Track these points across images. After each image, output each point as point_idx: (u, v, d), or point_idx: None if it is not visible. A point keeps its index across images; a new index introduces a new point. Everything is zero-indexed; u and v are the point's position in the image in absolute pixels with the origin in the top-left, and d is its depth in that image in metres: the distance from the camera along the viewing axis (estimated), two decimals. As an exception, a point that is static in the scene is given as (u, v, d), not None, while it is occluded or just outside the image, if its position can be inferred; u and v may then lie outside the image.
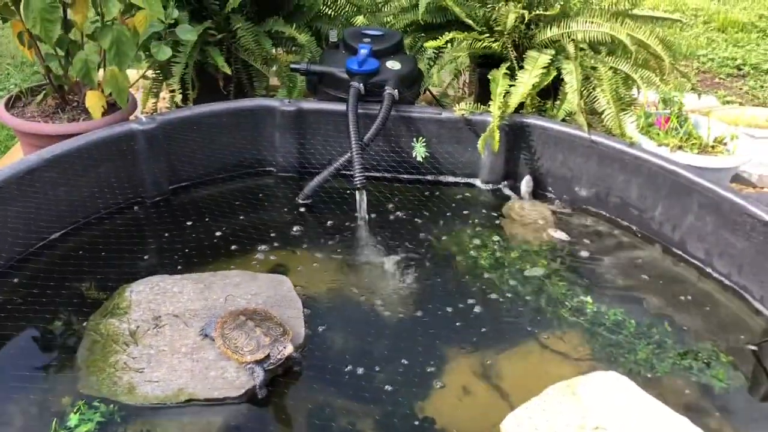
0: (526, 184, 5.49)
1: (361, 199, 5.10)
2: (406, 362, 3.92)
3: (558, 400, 3.53)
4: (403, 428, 3.53)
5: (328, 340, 4.05)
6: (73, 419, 3.33)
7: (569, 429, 3.37)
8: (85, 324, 3.94)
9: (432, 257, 4.83)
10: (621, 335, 4.21)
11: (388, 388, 3.76)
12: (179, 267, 4.50)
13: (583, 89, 5.36)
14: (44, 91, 5.46)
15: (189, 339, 3.79)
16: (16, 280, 4.30)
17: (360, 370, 3.84)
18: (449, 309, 4.34)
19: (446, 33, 5.59)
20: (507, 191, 5.61)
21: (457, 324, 4.23)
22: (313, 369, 3.84)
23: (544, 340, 4.18)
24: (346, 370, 3.84)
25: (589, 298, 4.48)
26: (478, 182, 5.69)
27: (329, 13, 6.70)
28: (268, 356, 3.55)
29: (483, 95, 5.78)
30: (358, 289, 4.51)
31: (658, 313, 4.43)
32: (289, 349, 3.54)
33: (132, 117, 5.50)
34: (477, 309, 4.35)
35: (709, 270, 4.78)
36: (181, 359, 3.66)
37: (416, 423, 3.57)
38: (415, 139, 5.45)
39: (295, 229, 5.04)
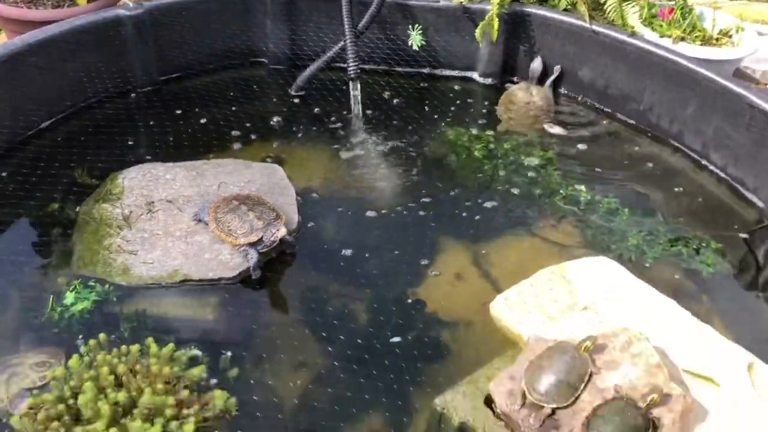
0: (537, 65, 5.32)
1: (355, 90, 5.00)
2: (398, 251, 3.96)
3: (548, 283, 3.58)
4: (395, 310, 3.60)
5: (321, 227, 4.07)
6: (69, 297, 3.38)
7: (558, 308, 3.44)
8: (78, 209, 3.94)
9: (426, 150, 4.79)
10: (613, 223, 4.23)
11: (380, 274, 3.82)
12: (171, 155, 4.46)
13: (585, -23, 5.16)
14: (26, -24, 5.25)
15: (183, 223, 3.80)
16: (6, 171, 4.27)
17: (353, 257, 3.88)
18: (443, 200, 4.35)
19: None
20: (506, 84, 5.50)
21: (451, 215, 4.25)
22: (306, 254, 3.88)
23: (537, 230, 4.20)
24: (339, 256, 3.87)
25: (583, 188, 4.47)
26: (475, 75, 5.56)
27: None
28: (261, 239, 3.57)
29: (482, -17, 5.57)
30: (352, 180, 4.49)
31: (651, 203, 4.43)
32: (282, 232, 3.55)
33: (119, 2, 5.31)
34: (470, 200, 4.35)
35: (705, 162, 4.75)
36: (175, 242, 3.68)
37: (408, 305, 3.64)
38: (411, 28, 5.28)
39: (288, 120, 4.97)
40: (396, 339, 3.44)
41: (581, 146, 4.90)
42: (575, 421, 2.80)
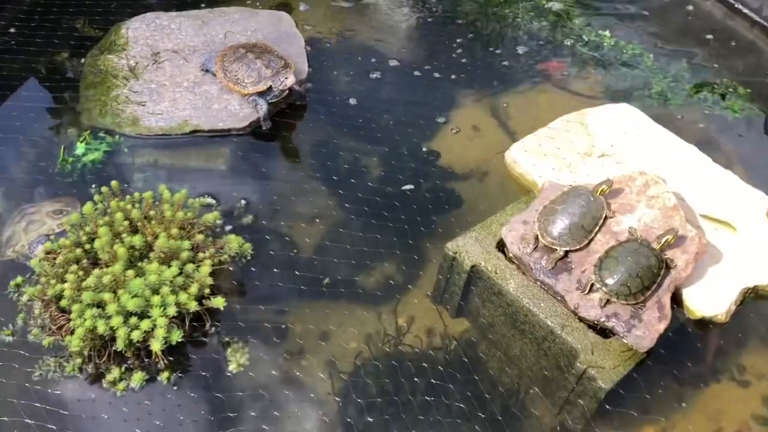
0: None
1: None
2: (414, 104, 3.85)
3: (566, 130, 3.48)
4: (409, 162, 3.55)
5: (332, 78, 3.95)
6: (80, 148, 3.36)
7: (575, 155, 3.36)
8: (83, 61, 3.84)
9: (436, 3, 4.52)
10: (637, 69, 4.05)
11: (395, 126, 3.73)
12: (175, 4, 4.26)
13: None
14: None
15: (190, 74, 3.70)
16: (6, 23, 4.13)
17: (366, 109, 3.78)
18: (460, 52, 4.17)
19: None
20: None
21: (470, 68, 4.08)
22: (317, 104, 3.79)
23: (558, 79, 4.05)
24: (351, 108, 3.78)
25: (607, 33, 4.25)
26: None
27: None
28: (270, 88, 3.47)
29: None
30: (366, 28, 4.30)
31: (677, 49, 4.23)
32: (291, 80, 3.44)
33: None
34: (489, 50, 4.18)
35: (739, 6, 4.47)
36: (183, 93, 3.60)
37: (422, 156, 3.58)
38: None
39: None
40: (409, 186, 3.42)
41: (607, -13, 4.61)
42: (587, 262, 2.81)
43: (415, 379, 2.79)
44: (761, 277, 2.93)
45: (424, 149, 3.62)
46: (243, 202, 3.24)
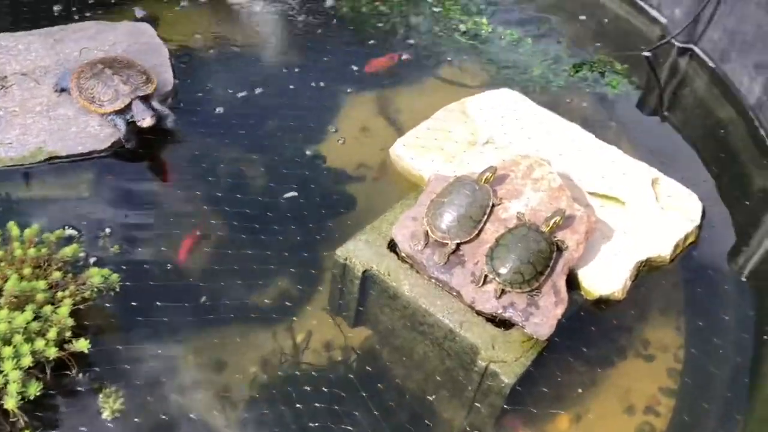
0: None
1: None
2: (295, 109, 3.66)
3: (447, 121, 3.38)
4: (294, 168, 3.36)
5: (205, 87, 3.70)
6: None
7: (459, 145, 3.27)
8: None
9: (310, 5, 4.36)
10: (517, 55, 4.02)
11: (276, 134, 3.53)
12: (23, 23, 3.91)
13: None
14: None
15: (43, 97, 3.38)
16: None
17: (241, 120, 3.56)
18: (340, 55, 4.00)
19: None
20: None
21: (351, 67, 3.93)
22: (189, 118, 3.53)
23: (440, 72, 3.96)
24: (228, 116, 3.55)
25: (484, 20, 4.21)
26: None
27: None
28: (129, 105, 3.20)
29: None
30: (237, 35, 4.08)
31: (554, 31, 4.23)
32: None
33: None
34: (369, 49, 4.04)
35: (607, -18, 4.53)
36: (36, 118, 3.28)
37: (311, 162, 3.40)
38: None
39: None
40: (292, 194, 3.24)
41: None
42: (479, 253, 2.71)
43: (318, 397, 2.60)
44: (652, 249, 2.92)
45: (312, 154, 3.45)
46: (108, 230, 2.96)
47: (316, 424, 2.53)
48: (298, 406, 2.58)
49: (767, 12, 3.57)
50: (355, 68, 3.92)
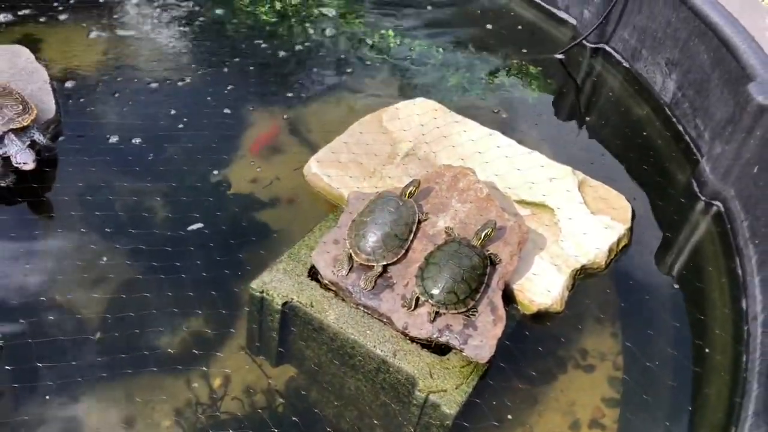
0: None
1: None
2: (197, 130, 3.35)
3: (363, 135, 3.17)
4: (196, 195, 3.06)
5: (91, 113, 3.35)
6: None
7: (378, 160, 3.06)
8: None
9: (204, 22, 4.08)
10: (428, 65, 3.87)
11: (178, 159, 3.21)
12: None
13: None
14: None
15: None
16: None
17: (135, 147, 3.23)
18: (243, 69, 3.74)
19: None
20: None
21: (255, 85, 3.68)
22: (72, 147, 3.17)
23: (351, 85, 3.76)
24: (117, 147, 3.20)
25: (390, 32, 4.04)
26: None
27: None
28: (2, 139, 2.82)
29: None
30: (125, 55, 3.74)
31: (464, 40, 4.11)
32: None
33: None
34: (273, 67, 3.79)
35: (512, -12, 4.48)
36: None
37: (216, 188, 3.11)
38: None
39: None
40: (198, 225, 2.93)
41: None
42: (409, 274, 2.49)
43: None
44: (587, 256, 2.78)
45: (217, 179, 3.16)
46: (-12, 291, 2.58)
47: None
48: None
49: (675, 9, 3.56)
50: (258, 84, 3.66)
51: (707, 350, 2.74)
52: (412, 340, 2.43)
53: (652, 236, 3.10)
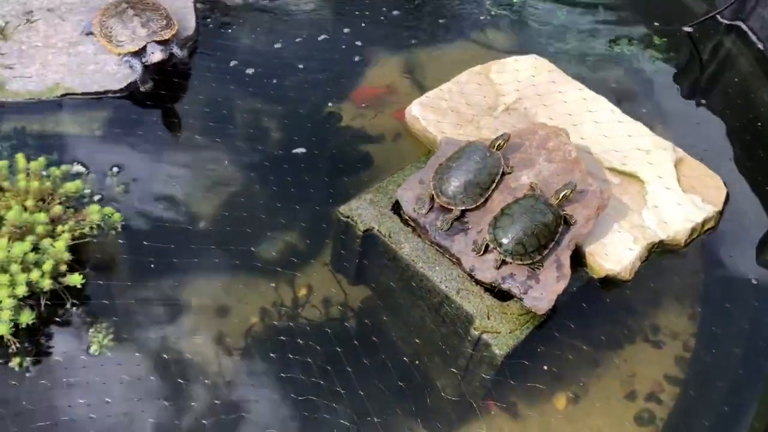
0: None
1: None
2: (321, 65, 3.58)
3: (470, 84, 3.28)
4: (313, 122, 3.32)
5: (225, 35, 3.65)
6: (-66, 116, 3.04)
7: (478, 109, 3.17)
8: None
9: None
10: (550, 25, 3.86)
11: (298, 89, 3.45)
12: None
13: None
14: None
15: (66, 34, 3.38)
16: None
17: (265, 71, 3.50)
18: (369, 14, 3.91)
19: None
20: None
21: (382, 29, 3.82)
22: (207, 64, 3.49)
23: (473, 35, 3.83)
24: (248, 69, 3.49)
25: (517, -10, 4.06)
26: None
27: None
28: (144, 48, 3.17)
29: None
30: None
31: (591, 4, 4.03)
32: (157, 56, 3.14)
33: None
34: (401, 12, 3.92)
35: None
36: (57, 54, 3.28)
37: (327, 117, 3.34)
38: None
39: None
40: (306, 150, 3.19)
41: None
42: (484, 221, 2.63)
43: (313, 352, 2.59)
44: (667, 231, 2.79)
45: (334, 110, 3.39)
46: (116, 170, 2.97)
47: (311, 379, 2.52)
48: (292, 357, 2.56)
49: (822, -9, 3.35)
50: (383, 29, 3.82)
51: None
52: (477, 282, 2.59)
53: (743, 226, 3.03)
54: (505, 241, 2.50)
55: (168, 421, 2.40)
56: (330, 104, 3.41)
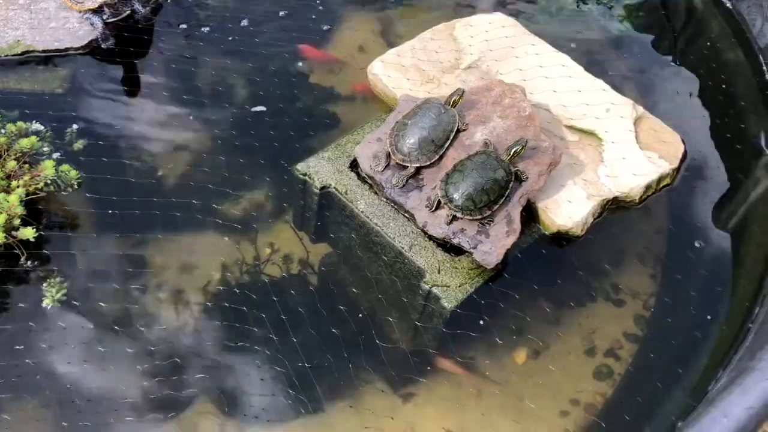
0: None
1: None
2: (291, 20, 3.54)
3: (432, 42, 3.27)
4: (281, 79, 3.32)
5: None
6: None
7: (440, 67, 3.17)
8: None
9: None
10: (520, -18, 3.84)
11: (266, 45, 3.44)
12: None
13: None
14: None
15: (27, -10, 3.36)
16: None
17: (232, 26, 3.49)
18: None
19: None
20: None
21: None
22: (171, 19, 3.48)
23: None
24: (213, 23, 3.48)
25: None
26: None
27: None
28: (102, 6, 3.16)
29: None
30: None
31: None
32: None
33: None
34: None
35: None
36: (18, 11, 3.27)
37: (294, 75, 3.35)
38: None
39: None
40: (265, 108, 3.20)
41: None
42: (438, 178, 2.65)
43: (273, 307, 2.63)
44: (621, 187, 2.81)
45: (302, 68, 3.39)
46: (75, 127, 2.98)
47: (269, 335, 2.56)
48: (253, 313, 2.61)
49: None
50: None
51: (733, 307, 2.73)
52: (430, 238, 2.63)
53: (699, 182, 3.05)
54: (455, 196, 2.53)
55: (123, 373, 2.45)
56: (299, 63, 3.41)
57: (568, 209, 2.72)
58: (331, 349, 2.55)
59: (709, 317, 2.72)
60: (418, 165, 2.67)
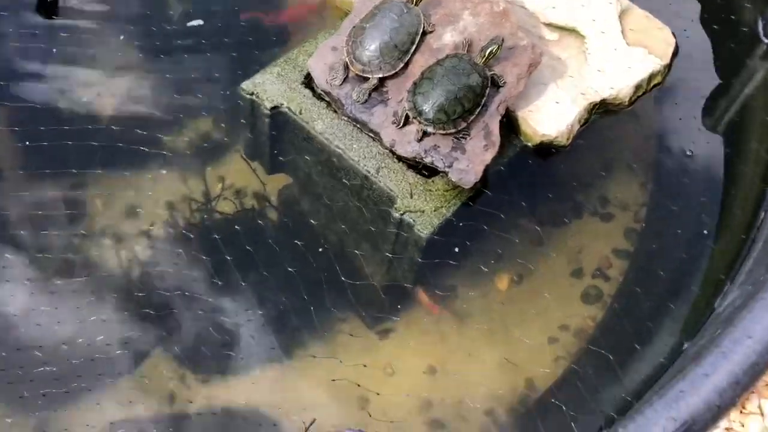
0: None
1: None
2: None
3: None
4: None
5: None
6: None
7: None
8: None
9: None
10: None
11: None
12: None
13: None
14: None
15: None
16: None
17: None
18: None
19: None
20: None
21: None
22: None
23: None
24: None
25: None
26: None
27: None
28: None
29: None
30: None
31: None
32: None
33: None
34: None
35: None
36: None
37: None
38: None
39: None
40: (202, 22, 2.82)
41: None
42: (405, 89, 2.32)
43: (230, 248, 2.37)
44: (609, 89, 2.51)
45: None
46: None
47: (224, 276, 2.33)
48: (207, 257, 2.36)
49: None
50: None
51: (729, 218, 2.53)
52: (399, 158, 2.33)
53: (693, 79, 2.77)
54: (425, 108, 2.21)
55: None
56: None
57: (551, 116, 2.42)
58: (302, 289, 2.30)
59: (705, 231, 2.51)
60: (380, 75, 2.32)
